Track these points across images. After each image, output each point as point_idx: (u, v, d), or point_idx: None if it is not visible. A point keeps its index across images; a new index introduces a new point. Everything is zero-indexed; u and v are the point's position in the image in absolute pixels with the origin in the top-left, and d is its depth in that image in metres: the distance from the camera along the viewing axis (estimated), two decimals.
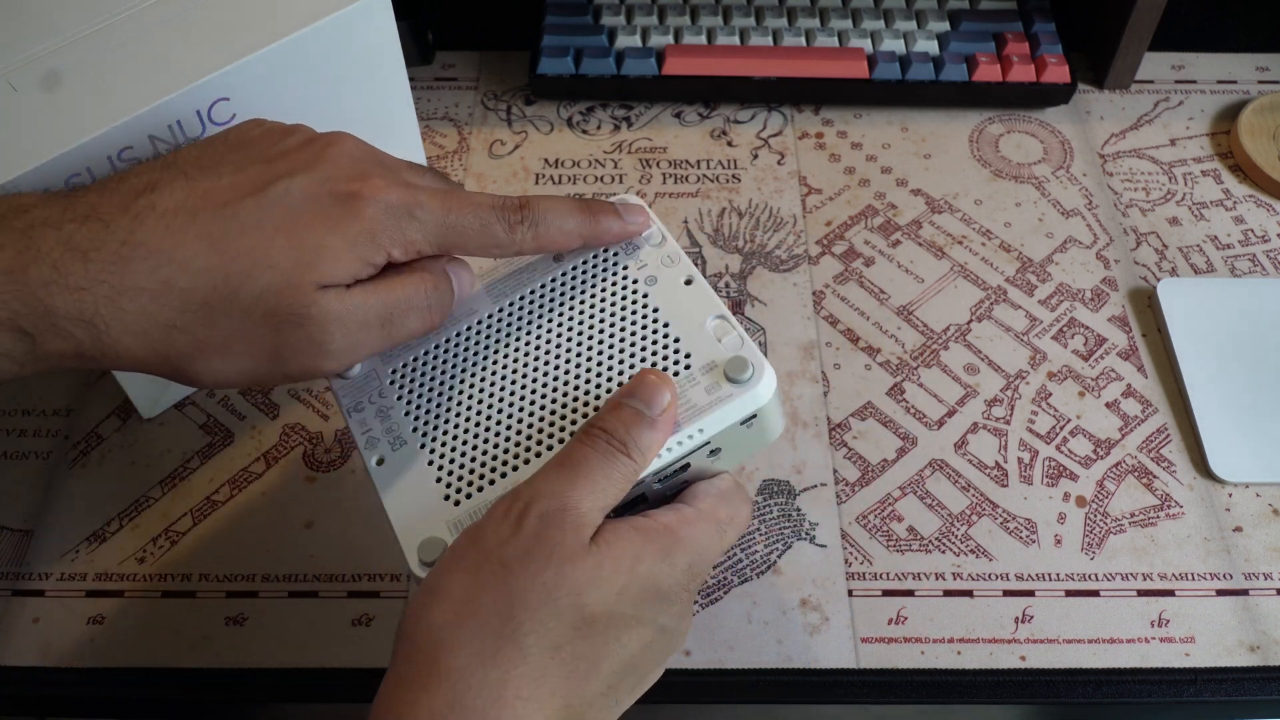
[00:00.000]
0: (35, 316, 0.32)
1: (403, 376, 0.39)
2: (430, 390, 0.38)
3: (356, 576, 0.47)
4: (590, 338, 0.38)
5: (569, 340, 0.38)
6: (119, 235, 0.33)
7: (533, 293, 0.40)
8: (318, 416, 0.52)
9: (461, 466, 0.36)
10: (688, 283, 0.38)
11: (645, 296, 0.38)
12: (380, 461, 0.37)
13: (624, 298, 0.39)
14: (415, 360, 0.39)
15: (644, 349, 0.37)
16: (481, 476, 0.36)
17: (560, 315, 0.39)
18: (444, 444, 0.37)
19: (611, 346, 0.37)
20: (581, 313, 0.39)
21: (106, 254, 0.32)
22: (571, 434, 0.36)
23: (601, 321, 0.38)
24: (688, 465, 0.36)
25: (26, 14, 0.45)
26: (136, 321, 0.33)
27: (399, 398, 0.38)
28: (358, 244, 0.35)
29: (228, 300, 0.34)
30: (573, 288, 0.39)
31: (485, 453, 0.36)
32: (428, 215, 0.36)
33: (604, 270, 0.39)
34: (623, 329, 0.38)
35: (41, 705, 0.46)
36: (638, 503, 0.36)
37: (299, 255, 0.34)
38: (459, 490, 0.36)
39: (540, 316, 0.39)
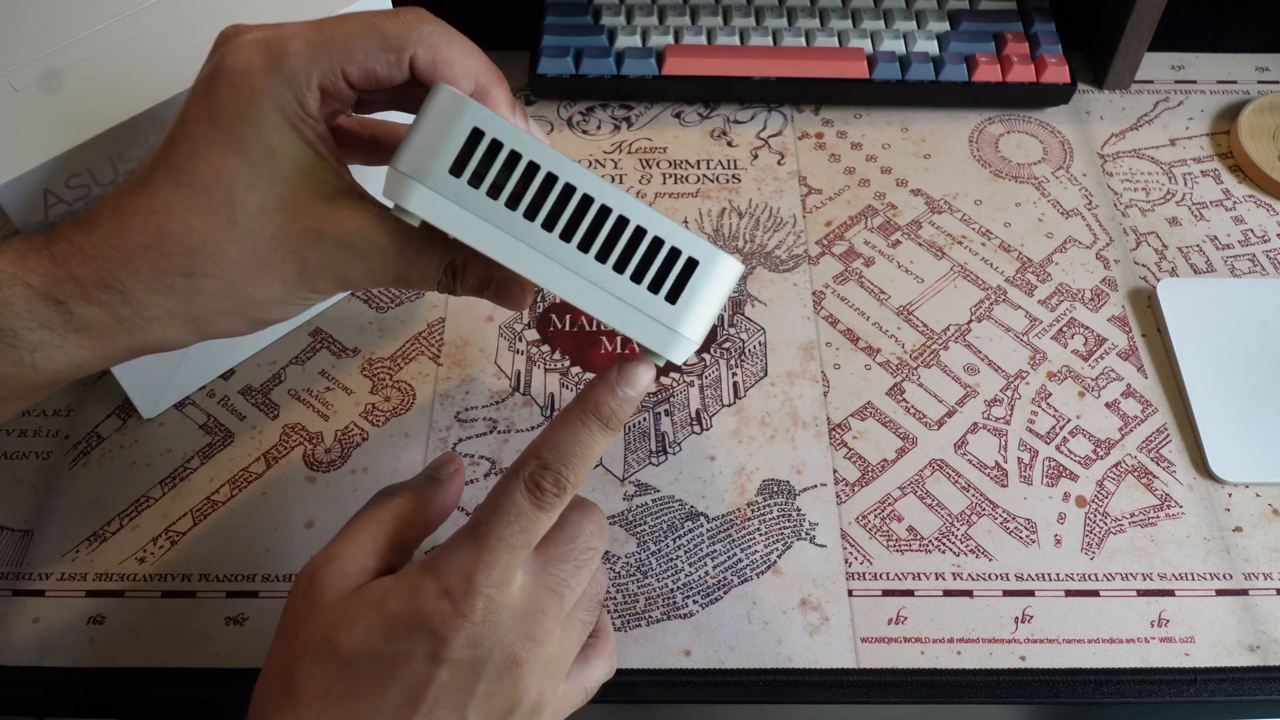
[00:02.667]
0: (64, 285, 0.34)
1: None
2: None
3: None
4: None
5: None
6: (110, 204, 0.35)
7: None
8: (318, 416, 0.52)
9: None
10: None
11: None
12: None
13: None
14: None
15: None
16: None
17: None
18: None
19: None
20: None
21: (105, 221, 0.35)
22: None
23: None
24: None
25: (26, 14, 0.45)
26: (153, 278, 0.35)
27: None
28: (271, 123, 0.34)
29: (227, 231, 0.34)
30: None
31: None
32: (299, 43, 0.34)
33: None
34: None
35: (41, 705, 0.46)
36: None
37: (269, 172, 0.34)
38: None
39: None
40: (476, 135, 0.33)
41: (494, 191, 0.34)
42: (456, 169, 0.33)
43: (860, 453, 0.52)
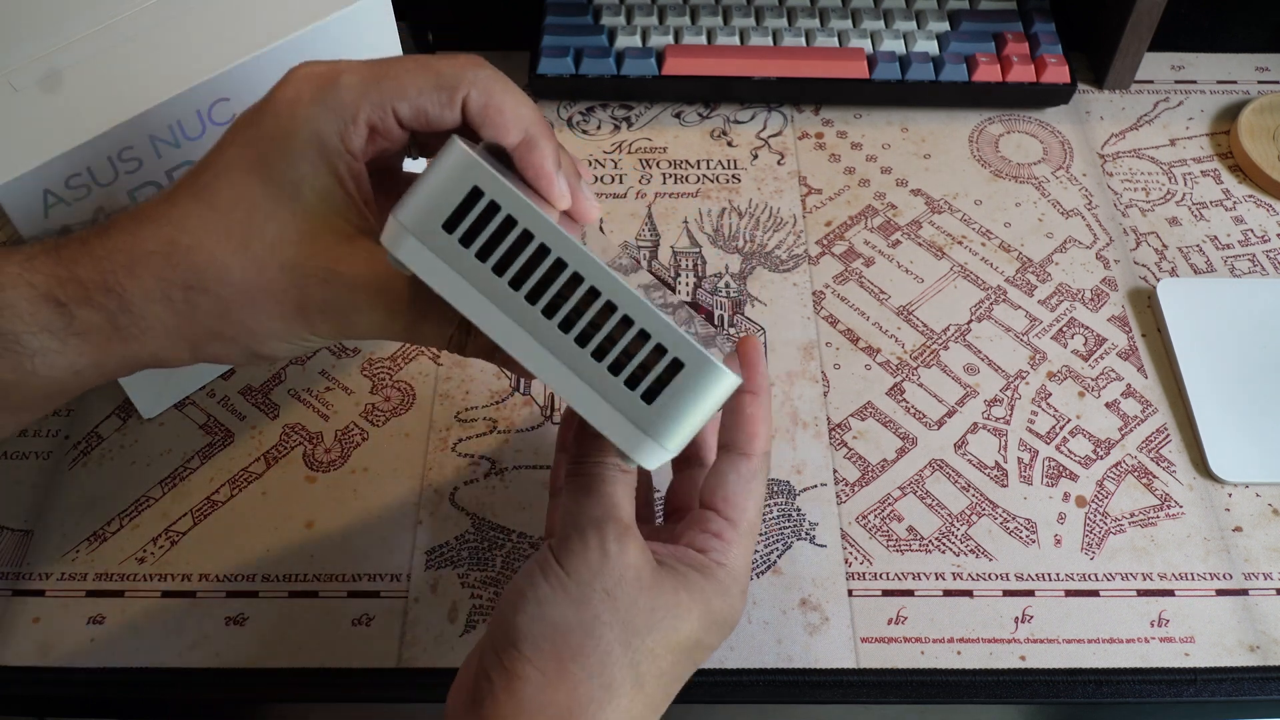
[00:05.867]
0: (67, 286, 0.34)
1: None
2: None
3: (356, 576, 0.47)
4: None
5: None
6: (131, 212, 0.35)
7: None
8: (318, 416, 0.52)
9: None
10: None
11: None
12: None
13: None
14: None
15: None
16: None
17: None
18: None
19: None
20: None
21: (120, 228, 0.35)
22: None
23: None
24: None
25: (26, 14, 0.45)
26: (154, 286, 0.34)
27: None
28: (307, 153, 0.34)
29: (237, 254, 0.34)
30: None
31: None
32: (351, 78, 0.34)
33: None
34: None
35: (41, 705, 0.46)
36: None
37: (291, 204, 0.34)
38: None
39: None
40: (475, 194, 0.32)
41: (483, 254, 0.32)
42: (450, 225, 0.32)
43: (860, 453, 0.52)
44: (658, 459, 0.33)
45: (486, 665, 0.34)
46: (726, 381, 0.33)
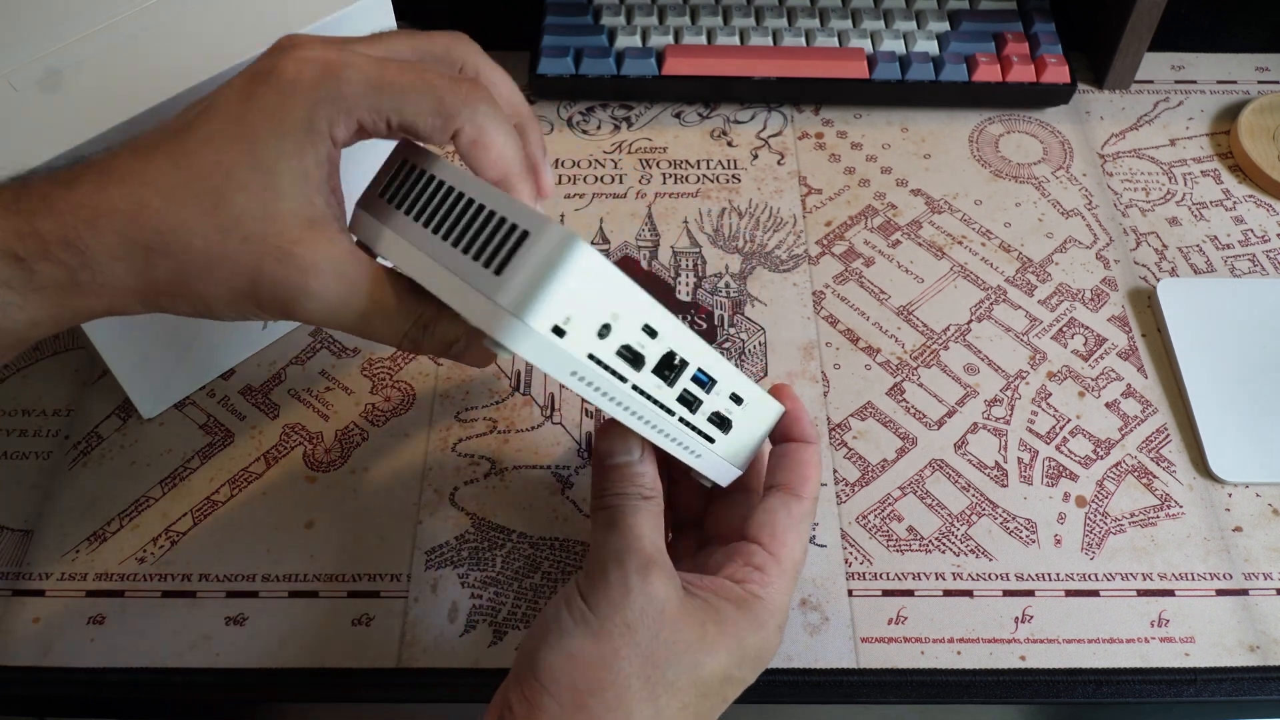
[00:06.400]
0: (26, 240, 0.33)
1: None
2: None
3: (356, 576, 0.47)
4: None
5: None
6: (98, 166, 0.35)
7: None
8: (318, 416, 0.52)
9: None
10: None
11: None
12: None
13: None
14: None
15: None
16: None
17: None
18: None
19: None
20: None
21: (87, 181, 0.34)
22: None
23: None
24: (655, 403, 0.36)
25: (26, 14, 0.45)
26: (117, 244, 0.34)
27: None
28: (298, 137, 0.35)
29: (203, 220, 0.34)
30: None
31: None
32: (355, 74, 0.35)
33: None
34: None
35: (41, 705, 0.46)
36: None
37: (264, 178, 0.34)
38: None
39: None
40: (403, 164, 0.37)
41: (400, 203, 0.37)
42: (384, 192, 0.38)
43: (860, 453, 0.52)
44: (521, 336, 0.31)
45: (511, 695, 0.35)
46: (576, 246, 0.31)
